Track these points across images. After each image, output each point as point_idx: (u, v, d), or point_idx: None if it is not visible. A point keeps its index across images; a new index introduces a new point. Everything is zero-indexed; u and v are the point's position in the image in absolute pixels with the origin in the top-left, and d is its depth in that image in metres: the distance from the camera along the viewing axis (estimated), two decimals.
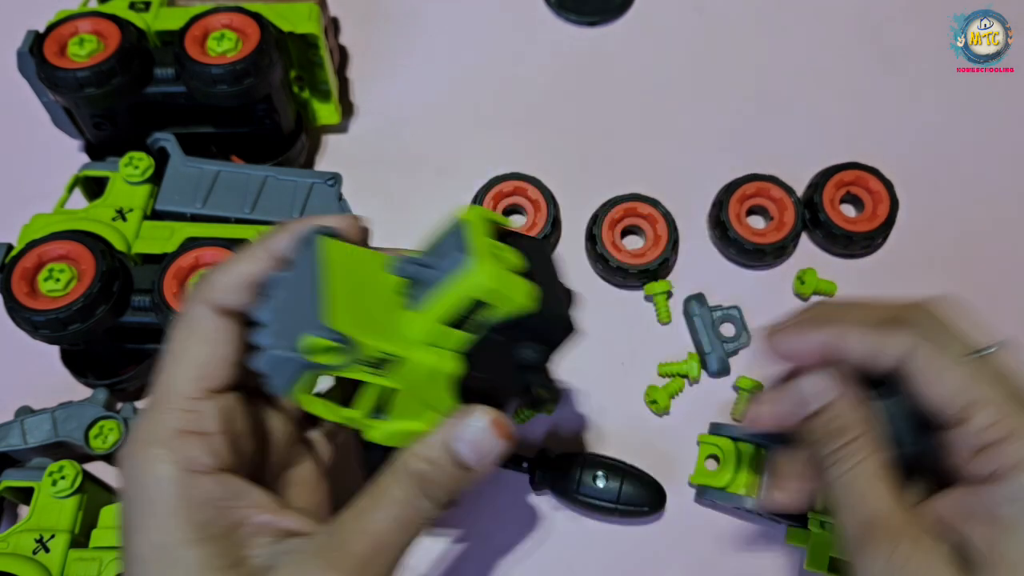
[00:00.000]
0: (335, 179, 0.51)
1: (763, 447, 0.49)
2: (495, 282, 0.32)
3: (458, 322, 0.33)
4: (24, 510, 0.48)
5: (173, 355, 0.34)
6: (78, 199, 0.54)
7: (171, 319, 0.45)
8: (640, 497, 0.49)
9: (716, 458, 0.50)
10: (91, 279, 0.46)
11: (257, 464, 0.36)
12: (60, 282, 0.46)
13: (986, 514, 0.32)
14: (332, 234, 0.35)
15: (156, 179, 0.52)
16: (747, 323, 0.55)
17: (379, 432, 0.35)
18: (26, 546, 0.43)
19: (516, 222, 0.59)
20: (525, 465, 0.50)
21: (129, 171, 0.51)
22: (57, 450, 0.49)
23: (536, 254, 0.36)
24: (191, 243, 0.48)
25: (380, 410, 0.35)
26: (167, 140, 0.53)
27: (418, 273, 0.33)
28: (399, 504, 0.33)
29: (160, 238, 0.49)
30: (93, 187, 0.53)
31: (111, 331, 0.48)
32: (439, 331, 0.33)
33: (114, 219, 0.50)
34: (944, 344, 0.34)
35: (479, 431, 0.33)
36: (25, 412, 0.50)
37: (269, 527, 0.33)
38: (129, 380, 0.52)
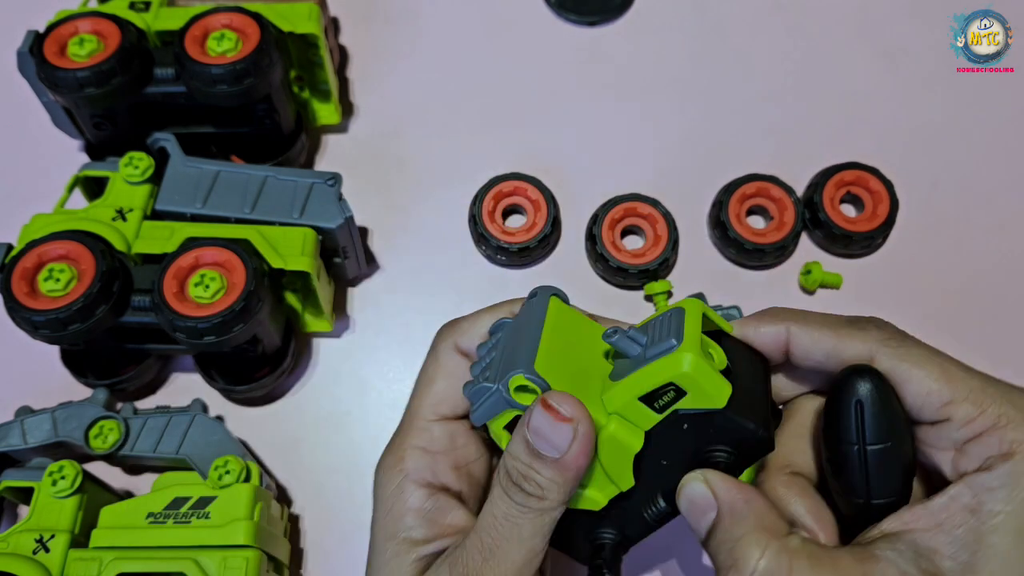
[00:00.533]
0: (335, 179, 0.51)
1: None
2: (695, 371, 0.32)
3: (652, 402, 0.34)
4: (24, 510, 0.48)
5: (422, 384, 0.40)
6: (78, 199, 0.54)
7: (170, 318, 0.45)
8: None
9: None
10: (91, 279, 0.46)
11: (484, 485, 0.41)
12: (60, 282, 0.46)
13: (973, 506, 0.32)
14: (561, 297, 0.38)
15: (156, 179, 0.52)
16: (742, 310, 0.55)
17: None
18: (26, 546, 0.43)
19: (516, 222, 0.59)
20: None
21: (129, 171, 0.51)
22: (57, 450, 0.49)
23: (748, 364, 0.36)
24: (191, 243, 0.48)
25: None
26: (167, 140, 0.52)
27: (628, 347, 0.35)
28: (498, 502, 0.35)
29: (160, 238, 0.49)
30: (93, 187, 0.53)
31: (111, 331, 0.48)
32: (633, 406, 0.34)
33: (114, 219, 0.50)
34: (903, 345, 0.34)
35: (537, 417, 0.33)
36: (25, 412, 0.50)
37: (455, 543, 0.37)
38: (129, 380, 0.52)
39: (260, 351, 0.50)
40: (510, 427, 0.36)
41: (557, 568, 0.44)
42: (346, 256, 0.54)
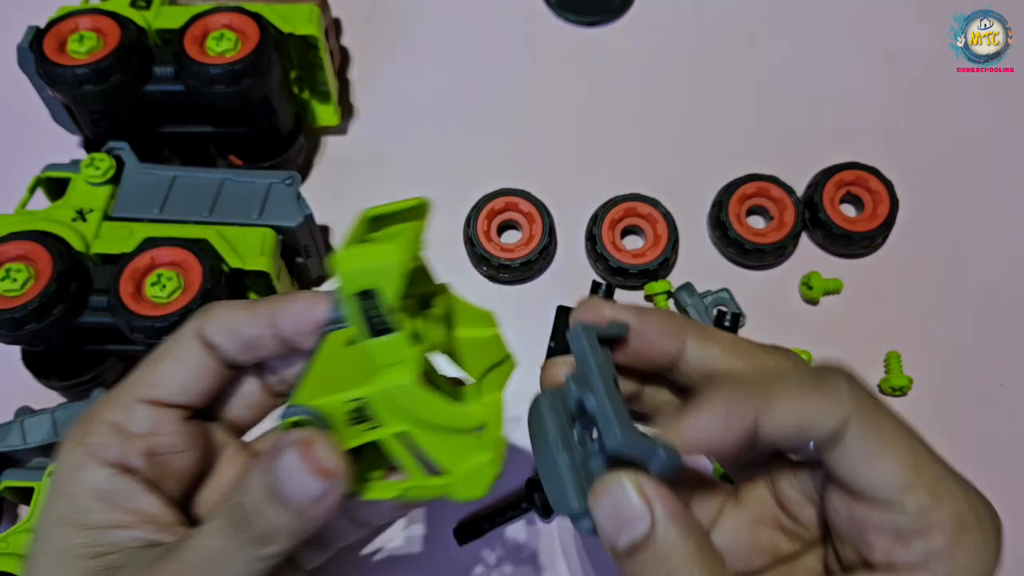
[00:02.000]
0: (292, 178, 0.51)
1: None
2: (348, 257, 0.29)
3: (378, 324, 0.29)
4: (24, 510, 0.48)
5: (145, 362, 0.35)
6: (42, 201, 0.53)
7: (126, 318, 0.45)
8: None
9: (729, 479, 0.50)
10: (48, 279, 0.45)
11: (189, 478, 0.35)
12: (17, 282, 0.45)
13: None
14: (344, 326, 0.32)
15: (117, 180, 0.51)
16: (738, 302, 0.55)
17: (457, 487, 0.31)
18: (26, 546, 0.43)
19: (510, 238, 0.58)
20: (524, 505, 0.49)
21: (90, 172, 0.51)
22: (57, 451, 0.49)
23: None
24: (149, 243, 0.47)
25: (429, 467, 0.31)
26: (121, 148, 0.52)
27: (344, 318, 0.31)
28: (214, 535, 0.30)
29: (119, 238, 0.49)
30: (55, 188, 0.53)
31: (72, 332, 0.48)
32: (387, 346, 0.29)
33: (74, 219, 0.49)
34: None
35: (289, 460, 0.29)
36: (25, 412, 0.49)
37: (145, 536, 0.32)
38: (90, 382, 0.51)
39: None
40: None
41: None
42: (308, 256, 0.53)
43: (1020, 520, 0.51)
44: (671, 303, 0.56)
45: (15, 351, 0.52)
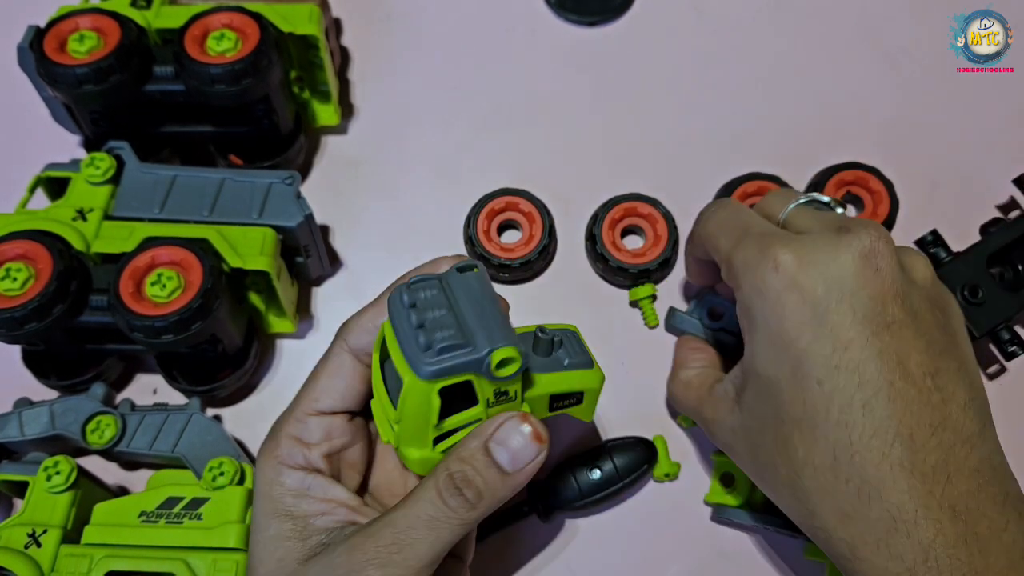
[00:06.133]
0: (292, 178, 0.51)
1: None
2: (600, 385, 0.40)
3: (555, 401, 0.39)
4: (18, 504, 0.48)
5: (310, 378, 0.41)
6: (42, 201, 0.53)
7: (127, 318, 0.45)
8: (635, 459, 0.49)
9: (731, 476, 0.50)
10: (48, 278, 0.46)
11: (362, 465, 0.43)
12: (17, 281, 0.45)
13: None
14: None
15: (117, 180, 0.52)
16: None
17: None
18: (18, 540, 0.43)
19: (511, 237, 0.58)
20: (525, 509, 0.49)
21: (90, 172, 0.51)
22: (54, 443, 0.49)
23: None
24: (149, 243, 0.47)
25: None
26: (121, 148, 0.52)
27: (545, 347, 0.39)
28: (426, 503, 0.35)
29: (119, 238, 0.49)
30: (55, 188, 0.53)
31: (72, 331, 0.48)
32: (540, 399, 0.38)
33: (74, 219, 0.49)
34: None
35: (519, 438, 0.35)
36: (23, 404, 0.50)
37: (342, 518, 0.38)
38: (90, 382, 0.51)
39: (220, 351, 0.50)
40: (448, 392, 0.34)
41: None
42: (308, 255, 0.54)
43: None
44: (655, 306, 0.55)
45: (15, 348, 0.52)
